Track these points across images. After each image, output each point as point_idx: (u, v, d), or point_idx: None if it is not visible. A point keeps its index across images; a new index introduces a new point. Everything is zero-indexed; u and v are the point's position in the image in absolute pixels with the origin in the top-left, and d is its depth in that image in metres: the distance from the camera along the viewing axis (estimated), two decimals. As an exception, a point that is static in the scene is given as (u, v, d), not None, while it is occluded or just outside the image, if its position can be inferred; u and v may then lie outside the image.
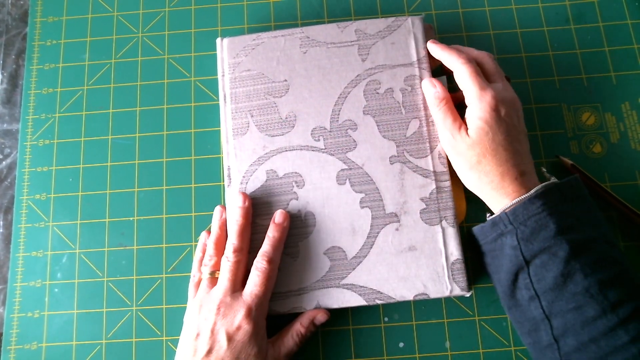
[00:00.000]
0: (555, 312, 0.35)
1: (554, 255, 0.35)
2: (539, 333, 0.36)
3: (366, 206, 0.42)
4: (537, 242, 0.36)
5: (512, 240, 0.37)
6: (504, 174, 0.38)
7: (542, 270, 0.36)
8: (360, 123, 0.43)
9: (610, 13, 0.49)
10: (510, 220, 0.37)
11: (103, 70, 0.49)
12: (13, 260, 0.45)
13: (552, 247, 0.35)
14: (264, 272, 0.38)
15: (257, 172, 0.43)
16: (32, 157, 0.47)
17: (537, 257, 0.36)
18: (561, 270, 0.35)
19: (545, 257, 0.36)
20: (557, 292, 0.35)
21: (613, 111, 0.47)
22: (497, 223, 0.38)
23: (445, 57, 0.42)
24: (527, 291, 0.36)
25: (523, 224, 0.36)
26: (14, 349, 0.43)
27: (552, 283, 0.35)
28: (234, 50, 0.45)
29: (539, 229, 0.36)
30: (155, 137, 0.47)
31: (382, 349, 0.42)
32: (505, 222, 0.37)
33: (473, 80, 0.39)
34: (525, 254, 0.36)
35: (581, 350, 0.34)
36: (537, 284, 0.36)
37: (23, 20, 0.52)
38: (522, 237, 0.36)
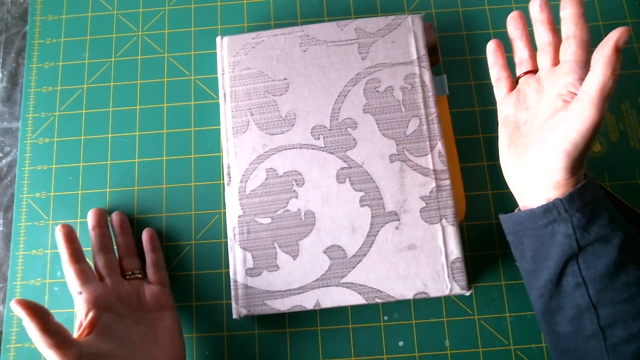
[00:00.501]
0: (604, 302, 0.34)
1: (608, 243, 0.34)
2: (582, 322, 0.35)
3: (366, 205, 0.42)
4: (593, 230, 0.34)
5: (566, 227, 0.35)
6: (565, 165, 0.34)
7: (593, 257, 0.34)
8: (360, 121, 0.43)
9: (610, 12, 0.49)
10: (566, 207, 0.34)
11: (103, 68, 0.49)
12: (13, 258, 0.45)
13: (607, 235, 0.34)
14: None
15: (256, 170, 0.43)
16: (32, 155, 0.47)
17: (590, 244, 0.34)
18: (615, 259, 0.33)
19: (598, 245, 0.34)
20: (607, 281, 0.34)
21: (613, 110, 0.47)
22: (551, 210, 0.35)
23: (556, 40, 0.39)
24: (573, 278, 0.35)
25: (579, 211, 0.34)
26: (13, 347, 0.43)
27: (604, 271, 0.34)
28: (233, 49, 0.45)
29: (595, 217, 0.34)
30: (155, 136, 0.47)
31: (381, 347, 0.42)
32: (560, 209, 0.35)
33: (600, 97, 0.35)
34: (580, 242, 0.34)
35: (630, 342, 0.33)
36: (585, 271, 0.34)
37: (23, 19, 0.52)
38: (578, 224, 0.34)
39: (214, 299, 0.44)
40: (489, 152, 0.46)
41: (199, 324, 0.43)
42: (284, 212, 0.42)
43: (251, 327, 0.43)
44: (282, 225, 0.42)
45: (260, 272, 0.41)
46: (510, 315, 0.43)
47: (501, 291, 0.43)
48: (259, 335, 0.43)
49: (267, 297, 0.41)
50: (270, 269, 0.41)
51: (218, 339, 0.43)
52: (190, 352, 0.43)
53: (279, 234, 0.41)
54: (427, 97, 0.43)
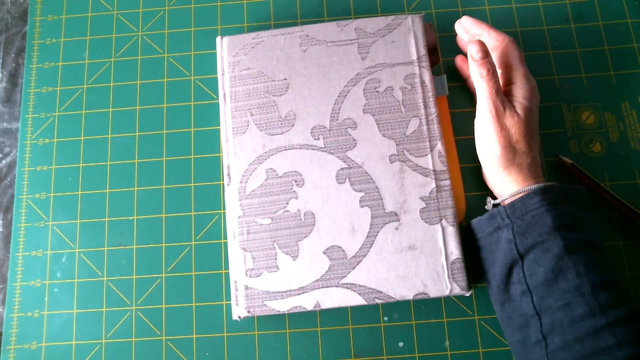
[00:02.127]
0: (545, 309, 0.35)
1: (547, 250, 0.35)
2: (529, 329, 0.36)
3: (366, 205, 0.42)
4: (531, 237, 0.36)
5: (507, 233, 0.37)
6: (535, 158, 0.39)
7: (534, 265, 0.35)
8: (360, 122, 0.43)
9: (610, 12, 0.49)
10: (508, 214, 0.37)
11: (103, 69, 0.49)
12: (13, 259, 0.45)
13: (546, 242, 0.35)
14: None
15: (256, 171, 0.43)
16: (32, 156, 0.47)
17: (531, 251, 0.36)
18: (552, 266, 0.35)
19: (538, 251, 0.35)
20: (548, 288, 0.35)
21: (613, 110, 0.47)
22: (495, 216, 0.38)
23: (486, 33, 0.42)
24: (520, 286, 0.36)
25: (520, 218, 0.36)
26: (13, 349, 0.43)
27: (543, 278, 0.35)
28: (233, 49, 0.45)
29: (534, 224, 0.36)
30: (155, 136, 0.47)
31: (381, 348, 0.42)
32: (503, 216, 0.38)
33: (521, 61, 0.40)
34: (519, 248, 0.36)
35: (566, 349, 0.33)
36: (529, 278, 0.36)
37: (23, 19, 0.52)
38: (517, 231, 0.36)
39: (214, 299, 0.44)
40: None
41: (199, 324, 0.43)
42: (284, 212, 0.42)
43: (251, 328, 0.43)
44: (282, 225, 0.42)
45: (260, 273, 0.41)
46: (511, 315, 0.43)
47: (501, 291, 0.43)
48: (259, 336, 0.43)
49: (267, 297, 0.40)
50: (270, 269, 0.41)
51: (218, 340, 0.43)
52: (190, 352, 0.43)
53: (279, 235, 0.41)
54: (427, 97, 0.43)
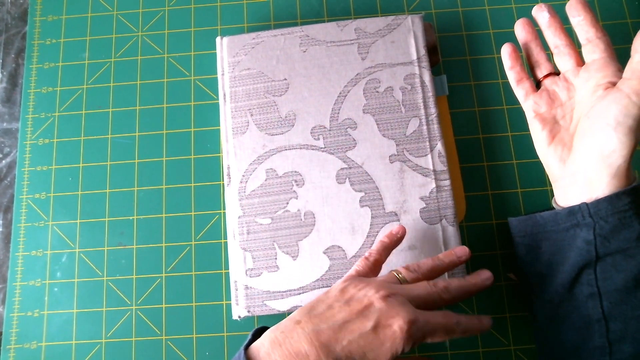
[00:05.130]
0: (616, 315, 0.33)
1: (631, 257, 0.33)
2: (590, 333, 0.34)
3: (366, 205, 0.42)
4: (615, 241, 0.33)
5: (587, 233, 0.34)
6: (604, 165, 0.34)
7: (612, 269, 0.33)
8: (360, 122, 0.43)
9: (610, 12, 0.49)
10: (591, 213, 0.34)
11: (103, 69, 0.49)
12: (13, 259, 0.45)
13: (631, 250, 0.33)
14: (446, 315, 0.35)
15: (256, 171, 0.43)
16: (32, 156, 0.47)
17: (610, 255, 0.33)
18: (635, 275, 0.32)
19: (619, 257, 0.33)
20: (624, 296, 0.33)
21: (613, 110, 0.47)
22: (575, 213, 0.34)
23: None
24: (588, 287, 0.34)
25: (604, 219, 0.33)
26: (13, 348, 0.43)
27: (621, 285, 0.33)
28: (233, 49, 0.45)
29: (620, 228, 0.33)
30: (155, 136, 0.47)
31: (381, 348, 0.42)
32: (585, 214, 0.34)
33: None
34: (599, 251, 0.33)
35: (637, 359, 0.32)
36: (602, 281, 0.33)
37: (22, 19, 0.52)
38: (600, 232, 0.33)
39: (214, 299, 0.44)
40: (489, 152, 0.46)
41: (199, 324, 0.43)
42: (284, 212, 0.42)
43: (251, 328, 0.43)
44: (282, 225, 0.42)
45: (260, 273, 0.41)
46: (510, 315, 0.43)
47: (501, 291, 0.43)
48: (259, 336, 0.43)
49: (267, 297, 0.40)
50: (270, 269, 0.41)
51: (218, 340, 0.43)
52: (190, 352, 0.43)
53: (279, 235, 0.41)
54: (427, 98, 0.43)
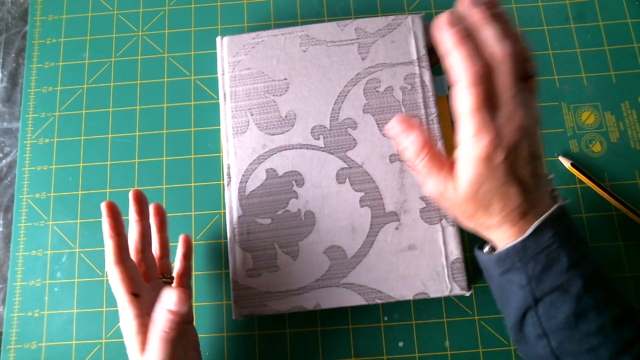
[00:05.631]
0: (566, 353, 0.32)
1: (565, 291, 0.31)
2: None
3: (366, 205, 0.42)
4: (548, 280, 0.32)
5: (520, 278, 0.32)
6: (501, 222, 0.32)
7: (552, 309, 0.32)
8: (360, 121, 0.43)
9: (610, 12, 0.49)
10: (520, 257, 0.32)
11: (103, 68, 0.49)
12: (13, 259, 0.45)
13: (564, 284, 0.31)
14: None
15: (256, 170, 0.43)
16: (32, 155, 0.47)
17: (547, 295, 0.32)
18: (573, 310, 0.31)
19: (556, 294, 0.32)
20: (568, 332, 0.31)
21: (613, 110, 0.47)
22: (504, 259, 0.33)
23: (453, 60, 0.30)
24: (534, 329, 0.33)
25: (533, 259, 0.32)
26: (13, 348, 0.43)
27: (563, 322, 0.31)
28: (233, 49, 0.45)
29: (550, 264, 0.32)
30: (155, 136, 0.47)
31: (381, 348, 0.42)
32: (513, 259, 0.32)
33: (471, 118, 0.30)
34: (536, 293, 0.32)
35: None
36: (546, 322, 0.32)
37: (23, 19, 0.52)
38: (532, 274, 0.32)
39: (214, 299, 0.44)
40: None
41: (199, 324, 0.43)
42: (284, 212, 0.42)
43: (251, 328, 0.43)
44: (282, 225, 0.42)
45: (260, 273, 0.41)
46: (511, 315, 0.43)
47: (501, 291, 0.43)
48: (259, 336, 0.43)
49: (267, 297, 0.40)
50: (270, 269, 0.41)
51: (218, 340, 0.43)
52: (190, 352, 0.43)
53: (279, 235, 0.41)
54: (427, 97, 0.43)
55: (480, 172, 0.31)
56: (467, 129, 0.30)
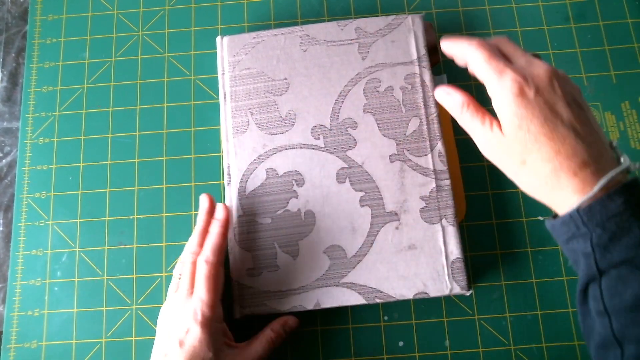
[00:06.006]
0: (630, 338, 0.28)
1: (637, 268, 0.28)
2: (607, 353, 0.30)
3: (366, 205, 0.42)
4: (617, 251, 0.29)
5: (585, 245, 0.30)
6: (557, 170, 0.30)
7: (619, 284, 0.29)
8: (360, 121, 0.43)
9: (611, 12, 0.49)
10: (584, 221, 0.29)
11: (103, 68, 0.49)
12: (13, 258, 0.45)
13: (636, 259, 0.28)
14: (205, 275, 0.37)
15: (256, 170, 0.43)
16: (32, 155, 0.47)
17: (615, 267, 0.29)
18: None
19: (625, 269, 0.29)
20: (636, 314, 0.28)
21: (613, 110, 0.47)
22: (568, 223, 0.30)
23: (456, 50, 0.35)
24: (596, 304, 0.30)
25: (600, 226, 0.29)
26: (13, 348, 0.43)
27: (630, 302, 0.28)
28: (234, 49, 0.45)
29: (620, 234, 0.29)
30: (155, 136, 0.47)
31: (381, 347, 0.42)
32: (578, 223, 0.30)
33: (488, 65, 0.32)
34: (600, 265, 0.29)
35: None
36: (609, 299, 0.29)
37: (23, 19, 0.52)
38: (597, 242, 0.29)
39: (214, 299, 0.44)
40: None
41: (199, 324, 0.43)
42: (284, 212, 0.42)
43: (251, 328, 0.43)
44: (282, 225, 0.42)
45: (261, 272, 0.41)
46: (510, 315, 0.43)
47: (501, 291, 0.43)
48: (259, 335, 0.43)
49: (267, 297, 0.41)
50: (271, 269, 0.41)
51: (218, 339, 0.43)
52: (190, 352, 0.43)
53: (279, 234, 0.41)
54: (427, 97, 0.43)
55: (517, 106, 0.31)
56: (490, 78, 0.32)
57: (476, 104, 0.34)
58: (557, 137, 0.30)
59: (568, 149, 0.30)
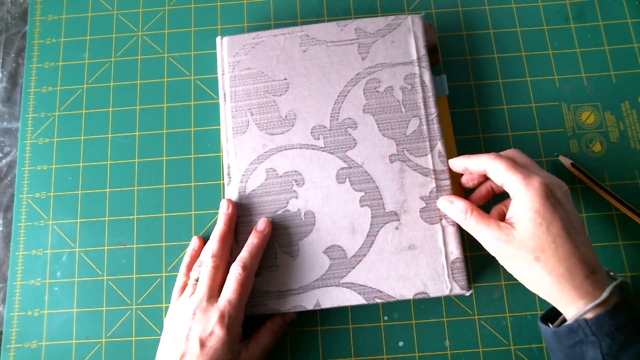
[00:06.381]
0: None
1: None
2: None
3: (366, 205, 0.42)
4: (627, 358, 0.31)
5: (594, 352, 0.32)
6: (572, 270, 0.33)
7: None
8: (360, 121, 0.43)
9: (610, 12, 0.49)
10: (593, 331, 0.32)
11: (103, 68, 0.49)
12: (13, 258, 0.45)
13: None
14: (237, 279, 0.38)
15: (256, 170, 0.43)
16: (32, 155, 0.47)
17: None
18: None
19: None
20: None
21: (613, 110, 0.47)
22: (576, 330, 0.33)
23: (472, 163, 0.38)
24: None
25: (610, 336, 0.31)
26: (13, 348, 0.43)
27: None
28: (233, 49, 0.45)
29: (629, 344, 0.31)
30: (155, 136, 0.47)
31: (381, 347, 0.42)
32: (587, 332, 0.32)
33: (514, 171, 0.35)
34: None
35: None
36: None
37: (23, 19, 0.52)
38: (608, 352, 0.31)
39: (214, 299, 0.44)
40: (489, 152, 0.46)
41: (199, 324, 0.43)
42: (284, 212, 0.42)
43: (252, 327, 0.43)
44: (282, 225, 0.42)
45: (261, 272, 0.41)
46: (510, 315, 0.43)
47: (501, 291, 0.43)
48: (259, 336, 0.43)
49: (267, 297, 0.41)
50: (270, 269, 0.41)
51: (218, 339, 0.43)
52: (190, 352, 0.43)
53: (279, 234, 0.41)
54: (427, 97, 0.43)
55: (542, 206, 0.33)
56: (516, 181, 0.35)
57: (479, 209, 0.37)
58: (572, 242, 0.33)
59: (581, 254, 0.33)
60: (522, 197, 0.34)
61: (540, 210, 0.33)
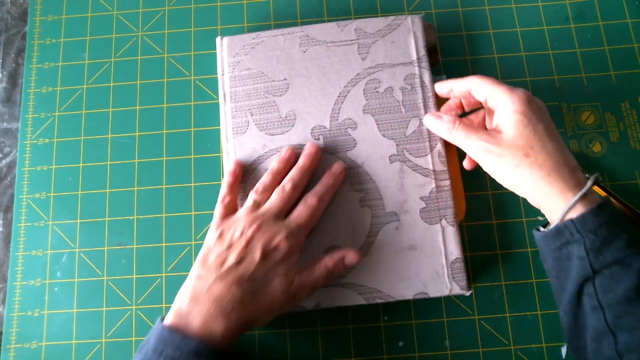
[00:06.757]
0: (622, 327, 0.32)
1: (628, 266, 0.32)
2: (600, 344, 0.33)
3: (366, 205, 0.42)
4: (609, 253, 0.33)
5: (579, 249, 0.34)
6: (560, 164, 0.35)
7: (611, 281, 0.33)
8: (360, 122, 0.43)
9: (610, 12, 0.49)
10: (578, 229, 0.34)
11: (103, 69, 0.49)
12: (13, 259, 0.45)
13: (626, 258, 0.33)
14: (311, 207, 0.39)
15: (256, 170, 0.43)
16: (32, 155, 0.47)
17: (607, 267, 0.33)
18: (635, 284, 0.32)
19: (616, 268, 0.33)
20: (627, 307, 0.32)
21: (613, 110, 0.47)
22: (562, 231, 0.34)
23: (458, 84, 0.40)
24: (589, 300, 0.34)
25: (593, 233, 0.33)
26: (13, 348, 0.43)
27: (622, 296, 0.32)
28: (233, 49, 0.45)
29: (610, 238, 0.33)
30: (155, 136, 0.47)
31: (381, 348, 0.42)
32: (572, 231, 0.34)
33: (499, 85, 0.37)
34: (594, 266, 0.33)
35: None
36: (602, 295, 0.33)
37: (22, 19, 0.52)
38: (591, 247, 0.33)
39: (214, 299, 0.44)
40: None
41: (199, 324, 0.43)
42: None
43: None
44: (282, 225, 0.42)
45: (260, 273, 0.41)
46: (510, 315, 0.43)
47: (501, 291, 0.43)
48: (259, 336, 0.43)
49: (267, 297, 0.40)
50: (270, 269, 0.41)
51: (218, 340, 0.43)
52: (190, 352, 0.43)
53: (279, 235, 0.41)
54: (427, 98, 0.43)
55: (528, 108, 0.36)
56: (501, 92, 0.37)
57: (462, 122, 0.39)
58: (556, 140, 0.36)
59: (566, 152, 0.36)
60: (508, 103, 0.36)
61: (526, 112, 0.36)
